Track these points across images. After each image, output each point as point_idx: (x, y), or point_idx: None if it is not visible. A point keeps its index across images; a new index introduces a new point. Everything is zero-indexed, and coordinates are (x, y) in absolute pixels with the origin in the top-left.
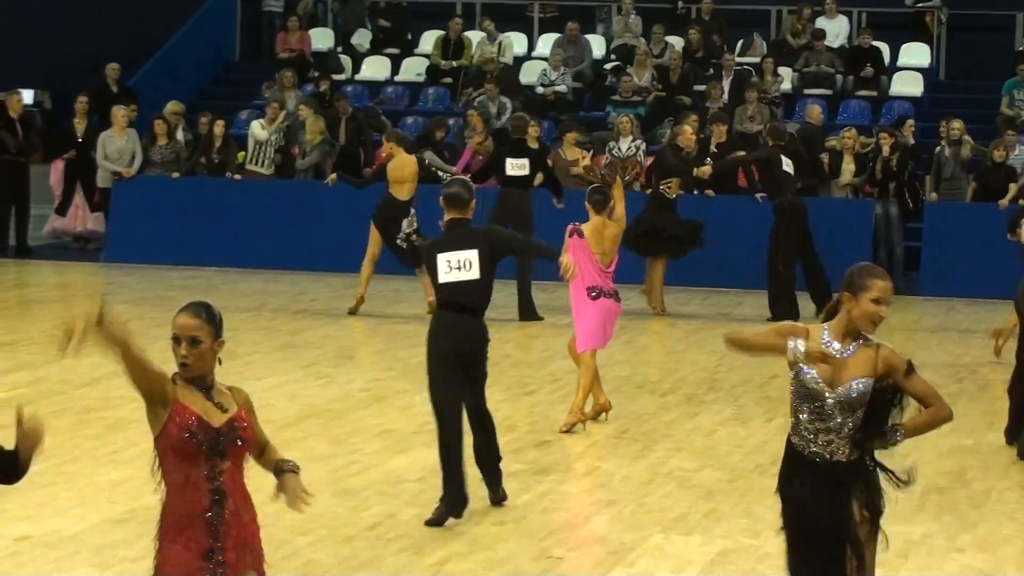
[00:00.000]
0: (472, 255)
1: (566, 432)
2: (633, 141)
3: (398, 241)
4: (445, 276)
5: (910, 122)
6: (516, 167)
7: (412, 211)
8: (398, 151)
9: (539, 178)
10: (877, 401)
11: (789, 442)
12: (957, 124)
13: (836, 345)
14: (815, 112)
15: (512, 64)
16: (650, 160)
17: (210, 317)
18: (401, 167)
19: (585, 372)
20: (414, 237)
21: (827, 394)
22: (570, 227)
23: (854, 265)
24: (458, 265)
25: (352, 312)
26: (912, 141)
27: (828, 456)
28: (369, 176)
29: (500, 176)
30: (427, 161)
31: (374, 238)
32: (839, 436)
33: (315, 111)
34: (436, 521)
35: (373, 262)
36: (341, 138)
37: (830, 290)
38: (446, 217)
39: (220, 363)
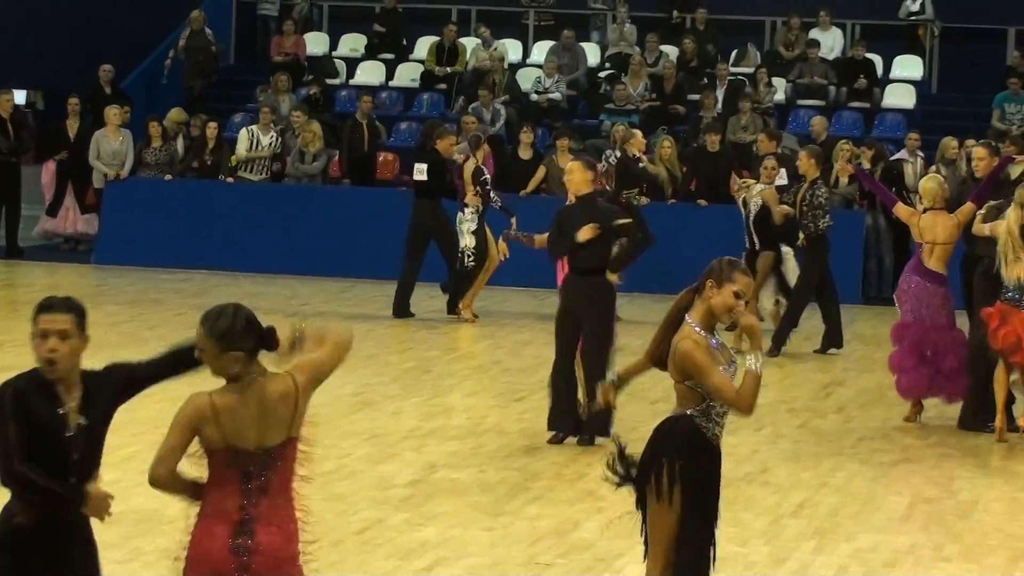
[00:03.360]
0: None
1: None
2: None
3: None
4: None
5: (911, 134)
6: (418, 172)
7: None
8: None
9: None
10: None
11: (692, 424)
12: (953, 143)
13: (704, 334)
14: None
15: (507, 70)
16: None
17: None
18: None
19: None
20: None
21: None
22: None
23: (721, 259)
24: None
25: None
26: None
27: (719, 440)
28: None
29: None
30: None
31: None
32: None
33: (309, 116)
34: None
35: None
36: (365, 144)
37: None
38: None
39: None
